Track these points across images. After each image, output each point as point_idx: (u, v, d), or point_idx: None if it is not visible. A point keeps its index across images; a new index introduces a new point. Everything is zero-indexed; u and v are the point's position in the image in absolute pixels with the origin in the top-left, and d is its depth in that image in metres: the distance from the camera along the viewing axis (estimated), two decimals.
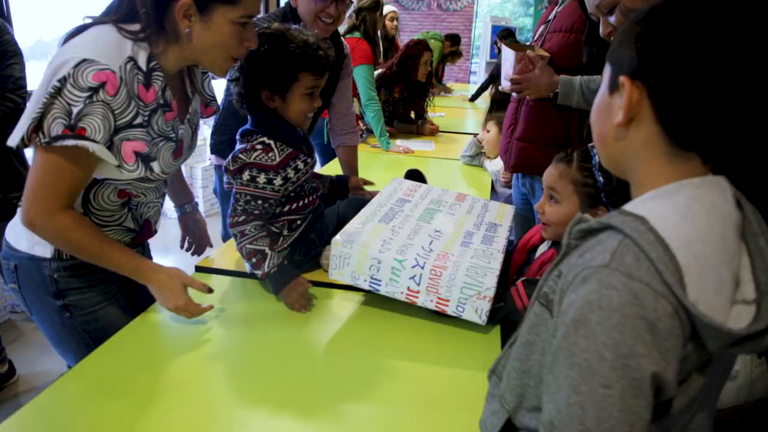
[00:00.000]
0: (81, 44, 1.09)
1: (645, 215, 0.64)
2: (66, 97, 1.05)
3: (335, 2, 1.96)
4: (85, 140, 1.07)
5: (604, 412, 0.59)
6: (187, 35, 1.16)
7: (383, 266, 1.31)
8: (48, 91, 1.05)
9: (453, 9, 10.66)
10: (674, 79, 0.64)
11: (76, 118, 1.06)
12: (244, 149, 1.42)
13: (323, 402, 1.09)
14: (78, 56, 1.05)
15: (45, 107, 1.05)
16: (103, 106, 1.08)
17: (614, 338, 0.60)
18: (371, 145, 3.41)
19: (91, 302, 1.33)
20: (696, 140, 0.66)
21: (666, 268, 0.60)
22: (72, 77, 1.04)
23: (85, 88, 1.05)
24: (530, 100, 1.92)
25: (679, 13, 0.64)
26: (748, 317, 0.62)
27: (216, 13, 1.15)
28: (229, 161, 1.42)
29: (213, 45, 1.19)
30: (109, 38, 1.12)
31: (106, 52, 1.09)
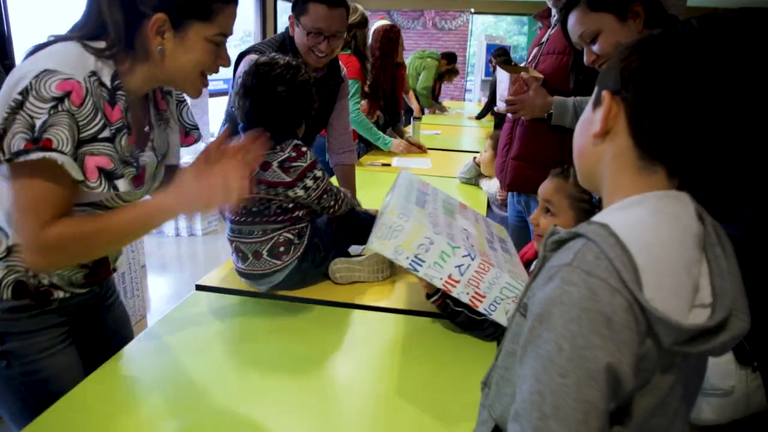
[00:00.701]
0: (40, 57, 1.02)
1: (608, 223, 0.70)
2: (28, 110, 0.96)
3: (327, 39, 1.98)
4: (52, 152, 0.97)
5: (561, 400, 0.63)
6: (159, 53, 1.10)
7: (434, 248, 1.27)
8: (9, 105, 0.96)
9: (448, 28, 10.76)
10: (648, 97, 0.71)
11: (41, 129, 0.96)
12: (293, 157, 1.51)
13: (324, 423, 1.10)
14: (38, 67, 0.98)
15: (5, 122, 0.96)
16: (68, 116, 0.99)
17: (572, 330, 0.64)
18: (367, 164, 3.44)
19: (34, 349, 1.18)
20: (662, 152, 0.73)
21: (623, 266, 0.65)
22: (34, 89, 0.96)
23: (49, 99, 0.97)
24: (525, 120, 1.96)
25: (661, 44, 0.72)
26: (703, 318, 0.67)
27: (191, 30, 1.10)
28: (280, 174, 1.49)
29: (186, 63, 1.13)
30: (70, 51, 1.04)
31: (68, 64, 1.01)
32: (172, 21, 1.08)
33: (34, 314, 1.16)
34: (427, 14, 10.78)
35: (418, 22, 10.84)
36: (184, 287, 3.83)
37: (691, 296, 0.69)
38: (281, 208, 1.55)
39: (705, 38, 0.70)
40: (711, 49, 0.69)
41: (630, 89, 0.73)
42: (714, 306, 0.68)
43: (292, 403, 1.14)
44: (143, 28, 1.07)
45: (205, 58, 1.14)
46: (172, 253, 4.46)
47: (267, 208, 1.54)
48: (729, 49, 0.69)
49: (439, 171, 3.36)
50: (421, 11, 10.77)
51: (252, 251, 1.56)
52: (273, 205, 1.53)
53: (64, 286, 1.20)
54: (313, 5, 1.93)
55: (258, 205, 1.54)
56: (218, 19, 1.12)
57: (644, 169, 0.74)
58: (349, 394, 1.19)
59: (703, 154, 0.73)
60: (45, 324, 1.19)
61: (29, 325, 1.17)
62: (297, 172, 1.51)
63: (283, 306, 1.55)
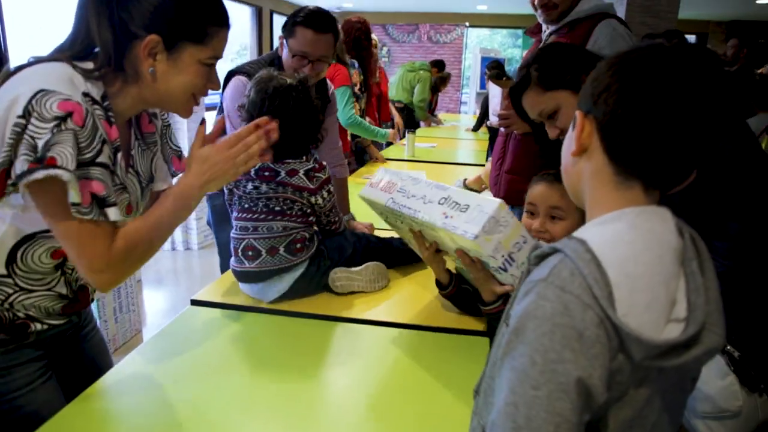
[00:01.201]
0: (30, 77, 0.99)
1: (586, 238, 0.72)
2: (30, 131, 0.93)
3: (311, 63, 2.00)
4: (57, 169, 0.94)
5: (533, 411, 0.65)
6: (151, 74, 1.08)
7: (525, 247, 1.23)
8: (13, 131, 0.93)
9: (443, 41, 10.84)
10: (616, 116, 0.74)
11: (44, 149, 0.93)
12: (316, 168, 1.64)
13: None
14: (32, 87, 0.94)
15: (12, 149, 0.94)
16: (72, 135, 0.96)
17: (545, 344, 0.67)
18: (363, 176, 3.46)
19: (12, 386, 1.11)
20: (635, 167, 0.76)
21: (596, 283, 0.67)
22: (35, 110, 0.93)
23: (51, 118, 0.93)
24: (517, 134, 1.98)
25: (625, 66, 0.75)
26: (676, 333, 0.69)
27: (185, 52, 1.09)
28: (305, 181, 1.61)
29: (178, 85, 1.12)
30: (61, 72, 1.01)
31: (62, 84, 0.98)
32: (166, 43, 1.06)
33: (10, 349, 1.11)
34: (422, 28, 10.86)
35: (413, 36, 10.92)
36: (180, 301, 3.83)
37: (667, 310, 0.70)
38: (302, 210, 1.63)
39: (669, 57, 0.73)
40: (675, 66, 0.72)
41: (599, 107, 0.76)
42: (688, 320, 0.70)
43: (290, 418, 1.15)
44: (134, 49, 1.06)
45: (197, 81, 1.13)
46: (168, 267, 4.46)
47: (290, 208, 1.62)
48: (693, 66, 0.72)
49: None
50: (416, 25, 10.85)
51: (268, 247, 1.59)
52: (296, 206, 1.62)
53: (41, 317, 1.14)
54: (300, 29, 1.96)
55: (282, 204, 1.61)
56: (212, 42, 1.12)
57: (621, 185, 0.77)
58: (347, 407, 1.20)
59: (674, 167, 0.76)
60: (21, 359, 1.13)
61: (5, 362, 1.10)
62: (319, 182, 1.63)
63: (280, 320, 1.55)
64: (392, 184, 1.46)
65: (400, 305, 1.65)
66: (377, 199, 1.48)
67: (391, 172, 1.53)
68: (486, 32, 14.18)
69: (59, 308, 1.18)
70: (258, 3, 9.25)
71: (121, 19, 1.03)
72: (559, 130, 1.44)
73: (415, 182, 1.42)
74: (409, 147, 4.29)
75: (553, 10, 1.94)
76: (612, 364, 0.67)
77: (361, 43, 3.82)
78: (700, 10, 9.54)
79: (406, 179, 1.45)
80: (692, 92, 0.71)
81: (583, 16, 1.91)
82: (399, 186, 1.44)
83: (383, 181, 1.51)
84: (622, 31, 1.85)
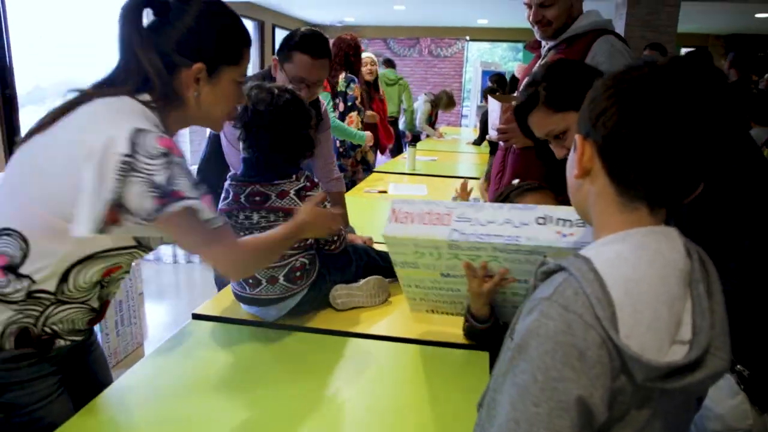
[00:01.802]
0: (111, 115, 1.06)
1: (591, 257, 0.72)
2: (143, 170, 1.01)
3: (308, 87, 2.02)
4: (186, 200, 1.05)
5: (533, 428, 0.66)
6: (195, 98, 1.17)
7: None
8: (120, 168, 0.99)
9: (444, 55, 10.90)
10: (615, 139, 0.74)
11: (167, 184, 1.02)
12: (308, 187, 1.57)
13: None
14: (126, 127, 1.02)
15: (120, 187, 1.00)
16: (180, 166, 1.06)
17: (546, 362, 0.67)
18: (365, 190, 3.48)
19: (32, 399, 1.14)
20: (638, 189, 0.76)
21: (598, 302, 0.68)
22: (141, 148, 1.01)
23: (159, 155, 1.02)
24: (516, 148, 2.00)
25: (622, 88, 0.75)
26: (680, 355, 0.69)
27: (223, 74, 1.18)
28: (296, 201, 1.54)
29: (217, 105, 1.21)
30: (134, 107, 1.09)
31: (143, 120, 1.06)
32: (208, 68, 1.15)
33: (33, 362, 1.13)
34: (423, 42, 10.92)
35: (414, 50, 10.98)
36: (182, 315, 3.82)
37: (672, 332, 0.70)
38: None
39: (664, 74, 0.73)
40: (672, 84, 0.72)
41: (598, 131, 0.76)
42: (692, 343, 0.70)
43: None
44: (179, 77, 1.14)
45: (233, 99, 1.24)
46: (170, 281, 4.46)
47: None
48: (690, 82, 0.72)
49: (435, 197, 3.38)
50: (417, 39, 10.92)
51: (267, 277, 1.57)
52: None
53: (65, 334, 1.17)
54: (298, 54, 1.98)
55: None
56: (243, 62, 1.22)
57: (625, 206, 0.77)
58: (349, 422, 1.20)
59: (677, 185, 0.75)
60: (43, 372, 1.15)
61: (28, 374, 1.13)
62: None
63: (281, 335, 1.56)
64: (439, 215, 1.25)
65: (400, 319, 1.66)
66: (426, 235, 1.24)
67: (407, 202, 1.30)
68: (486, 46, 14.26)
69: (87, 321, 1.22)
70: (260, 17, 9.32)
71: (164, 52, 1.11)
72: (566, 150, 1.42)
73: (473, 207, 1.25)
74: (410, 161, 4.31)
75: (548, 27, 1.96)
76: (614, 384, 0.68)
77: (349, 59, 3.89)
78: (700, 24, 9.59)
79: (453, 206, 1.26)
80: (691, 109, 0.71)
81: (581, 32, 1.93)
82: (455, 215, 1.24)
83: (415, 214, 1.26)
84: (620, 47, 1.86)
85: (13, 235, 1.07)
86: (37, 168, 1.08)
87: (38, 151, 1.09)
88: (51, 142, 1.08)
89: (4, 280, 1.07)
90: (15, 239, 1.07)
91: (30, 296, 1.09)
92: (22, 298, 1.08)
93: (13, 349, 1.09)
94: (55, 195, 1.05)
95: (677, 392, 0.71)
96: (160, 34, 1.12)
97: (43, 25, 5.24)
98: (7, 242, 1.07)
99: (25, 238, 1.06)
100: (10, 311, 1.08)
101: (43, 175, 1.06)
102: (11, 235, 1.07)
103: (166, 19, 1.12)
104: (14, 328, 1.09)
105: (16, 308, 1.08)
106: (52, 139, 1.08)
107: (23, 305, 1.09)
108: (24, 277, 1.07)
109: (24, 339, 1.11)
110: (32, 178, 1.08)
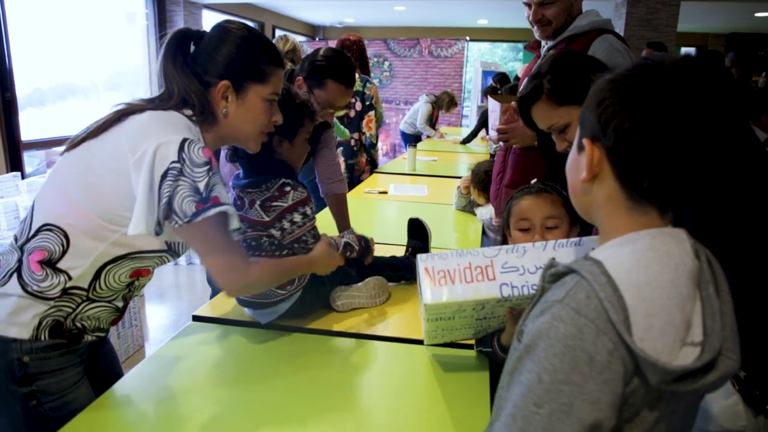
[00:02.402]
0: (161, 126, 1.16)
1: (602, 260, 0.72)
2: (188, 176, 1.11)
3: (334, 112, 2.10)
4: (223, 205, 1.15)
5: (530, 427, 0.66)
6: (224, 115, 1.27)
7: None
8: (170, 173, 1.10)
9: (444, 56, 10.89)
10: (627, 144, 0.73)
11: (207, 189, 1.13)
12: (275, 197, 1.50)
13: None
14: (176, 138, 1.12)
15: (173, 190, 1.11)
16: (218, 176, 1.16)
17: (554, 364, 0.67)
18: (365, 191, 3.47)
19: (61, 386, 1.22)
20: (649, 194, 0.75)
21: (612, 306, 0.67)
22: (188, 157, 1.12)
23: (202, 164, 1.13)
24: (516, 148, 2.00)
25: (632, 90, 0.73)
26: (692, 357, 0.68)
27: (250, 91, 1.27)
28: (260, 213, 1.51)
29: (247, 121, 1.30)
30: (181, 121, 1.20)
31: (190, 133, 1.17)
32: (234, 85, 1.25)
33: (63, 353, 1.22)
34: (423, 42, 10.91)
35: (414, 50, 10.97)
36: (182, 316, 3.83)
37: (682, 334, 0.70)
38: (274, 244, 1.53)
39: (676, 78, 0.71)
40: (683, 88, 0.70)
41: (608, 136, 0.74)
42: (704, 345, 0.69)
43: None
44: (210, 95, 1.25)
45: (263, 117, 1.32)
46: (171, 282, 4.46)
47: (260, 246, 1.54)
48: (699, 88, 0.70)
49: (436, 198, 3.37)
50: (417, 39, 10.91)
51: None
52: (264, 242, 1.53)
53: (92, 330, 1.27)
54: (332, 83, 2.00)
55: (251, 242, 1.54)
56: (272, 80, 1.30)
57: (635, 210, 0.76)
58: (350, 421, 1.20)
59: (689, 189, 0.74)
60: (70, 362, 1.24)
61: (59, 363, 1.22)
62: (276, 213, 1.50)
63: (281, 336, 1.55)
64: (480, 269, 1.13)
65: (401, 320, 1.66)
66: (474, 296, 1.12)
67: (437, 257, 1.17)
68: (487, 46, 14.25)
69: (111, 319, 1.32)
70: (260, 18, 9.32)
71: (198, 74, 1.25)
72: (567, 143, 1.42)
73: (515, 252, 1.15)
74: (410, 161, 4.31)
75: (547, 27, 1.96)
76: (626, 389, 0.68)
77: (363, 60, 3.90)
78: (700, 23, 9.59)
79: (492, 254, 1.15)
80: (706, 113, 0.70)
81: (581, 31, 1.93)
82: (499, 265, 1.13)
83: (452, 271, 1.15)
84: (619, 47, 1.86)
85: (55, 231, 1.16)
86: (90, 171, 1.16)
87: (91, 155, 1.17)
88: (104, 147, 1.17)
89: (41, 274, 1.16)
90: (57, 235, 1.16)
91: (65, 293, 1.18)
92: (57, 294, 1.17)
93: (48, 339, 1.19)
94: (105, 198, 1.15)
95: (688, 394, 0.71)
96: (196, 60, 1.26)
97: (43, 28, 5.24)
98: (47, 237, 1.16)
99: (67, 235, 1.16)
100: (46, 305, 1.17)
101: (95, 178, 1.15)
102: (53, 230, 1.17)
103: (202, 47, 1.26)
104: (50, 321, 1.18)
105: (52, 303, 1.18)
106: (104, 144, 1.17)
107: (58, 301, 1.18)
108: (61, 272, 1.17)
109: (57, 331, 1.20)
110: (84, 181, 1.16)
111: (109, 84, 6.41)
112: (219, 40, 1.26)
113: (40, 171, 4.94)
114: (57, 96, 5.65)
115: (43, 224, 1.17)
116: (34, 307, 1.17)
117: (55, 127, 5.26)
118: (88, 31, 5.89)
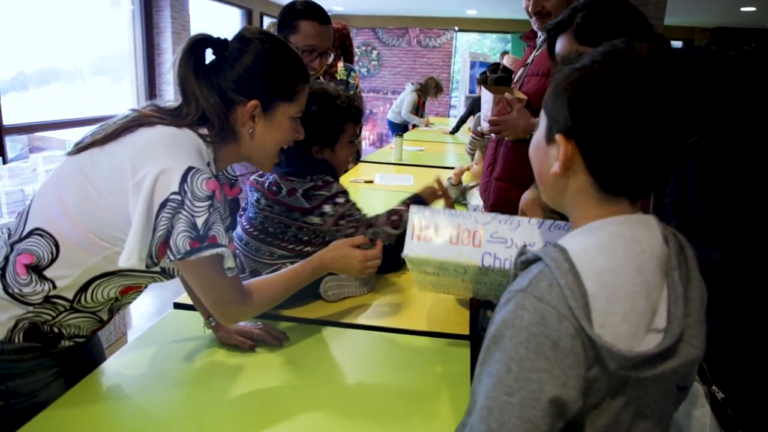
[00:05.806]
0: (172, 148, 1.08)
1: (567, 247, 0.72)
2: (188, 210, 1.04)
3: (319, 56, 2.00)
4: (219, 247, 1.07)
5: (505, 416, 0.67)
6: (250, 135, 1.20)
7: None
8: (170, 205, 1.03)
9: (432, 45, 10.86)
10: (600, 140, 0.73)
11: (205, 227, 1.05)
12: (319, 186, 1.54)
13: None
14: (180, 165, 1.04)
15: (171, 222, 1.03)
16: (218, 212, 1.09)
17: (520, 353, 0.68)
18: (350, 180, 3.45)
19: (32, 387, 1.18)
20: (621, 187, 0.76)
21: (571, 293, 0.68)
22: (190, 190, 1.04)
23: (204, 198, 1.05)
24: (508, 141, 1.98)
25: (602, 84, 0.72)
26: (654, 343, 0.69)
27: (278, 111, 1.21)
28: (301, 201, 1.53)
29: (273, 141, 1.24)
30: (192, 143, 1.12)
31: (198, 159, 1.09)
32: (263, 105, 1.19)
33: (37, 356, 1.17)
34: (412, 32, 10.87)
35: (402, 40, 10.92)
36: (166, 304, 3.79)
37: (647, 320, 0.71)
38: (296, 237, 1.57)
39: (647, 70, 0.71)
40: (654, 82, 0.70)
41: (581, 131, 0.74)
42: (666, 332, 0.71)
43: (274, 420, 1.14)
44: (234, 113, 1.18)
45: (288, 135, 1.27)
46: None
47: (283, 233, 1.56)
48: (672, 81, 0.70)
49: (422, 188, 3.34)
50: (406, 29, 10.86)
51: (251, 268, 1.57)
52: (289, 231, 1.56)
53: (69, 337, 1.21)
54: (304, 23, 1.95)
55: (275, 226, 1.56)
56: (299, 98, 1.24)
57: (606, 200, 0.77)
58: (335, 409, 1.18)
59: (659, 178, 0.75)
60: (43, 365, 1.19)
61: (31, 366, 1.17)
62: (318, 200, 1.55)
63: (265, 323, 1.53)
64: (468, 232, 1.11)
65: (389, 310, 1.65)
66: (455, 259, 1.10)
67: (427, 211, 1.15)
68: (476, 36, 14.22)
69: (92, 329, 1.26)
70: (248, 5, 9.22)
71: (222, 89, 1.16)
72: None
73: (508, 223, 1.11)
74: (397, 150, 4.29)
75: (547, 18, 1.94)
76: (588, 374, 0.69)
77: (345, 48, 3.85)
78: (686, 17, 9.63)
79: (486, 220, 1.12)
80: (673, 99, 0.70)
81: None
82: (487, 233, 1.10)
83: (440, 226, 1.13)
84: None
85: (46, 237, 1.11)
86: (89, 184, 1.09)
87: (92, 166, 1.11)
88: (106, 160, 1.10)
89: (26, 278, 1.11)
90: (47, 241, 1.11)
91: (47, 300, 1.13)
92: (39, 301, 1.12)
93: (21, 342, 1.14)
94: (100, 214, 1.09)
95: (651, 380, 0.72)
96: (219, 73, 1.16)
97: (26, 11, 5.14)
98: (37, 242, 1.11)
99: (57, 243, 1.10)
100: (24, 309, 1.12)
101: (93, 193, 1.09)
102: (43, 236, 1.11)
103: (225, 59, 1.16)
104: (26, 323, 1.14)
105: (32, 309, 1.13)
106: (107, 157, 1.10)
107: (39, 307, 1.13)
108: (47, 280, 1.11)
109: (32, 334, 1.15)
110: (81, 192, 1.10)
111: (93, 69, 6.31)
112: (246, 55, 1.16)
113: (22, 156, 4.86)
114: (41, 80, 5.56)
115: (36, 228, 1.11)
116: (11, 309, 1.12)
117: (38, 112, 5.18)
118: (72, 14, 5.78)
